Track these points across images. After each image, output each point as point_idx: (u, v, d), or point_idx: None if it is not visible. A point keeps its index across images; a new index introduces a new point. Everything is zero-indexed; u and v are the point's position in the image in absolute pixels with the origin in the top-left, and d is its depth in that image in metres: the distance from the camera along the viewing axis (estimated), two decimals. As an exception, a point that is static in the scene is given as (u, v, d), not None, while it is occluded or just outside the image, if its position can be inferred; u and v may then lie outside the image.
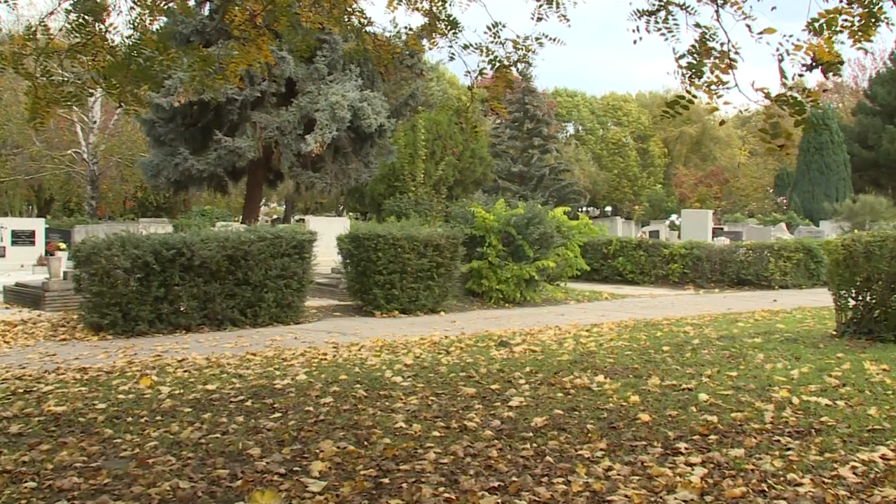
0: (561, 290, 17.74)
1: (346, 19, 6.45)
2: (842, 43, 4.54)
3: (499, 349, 9.82)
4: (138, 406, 6.66)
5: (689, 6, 4.98)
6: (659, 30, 5.13)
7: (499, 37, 5.93)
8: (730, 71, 4.78)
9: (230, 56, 5.91)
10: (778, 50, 4.51)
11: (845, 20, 4.77)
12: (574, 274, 18.29)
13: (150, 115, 22.66)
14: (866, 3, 4.46)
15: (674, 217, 38.92)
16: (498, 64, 5.92)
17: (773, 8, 4.79)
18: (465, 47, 5.96)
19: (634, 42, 5.36)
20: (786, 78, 4.68)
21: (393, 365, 8.57)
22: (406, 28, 6.53)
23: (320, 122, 21.61)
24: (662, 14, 5.09)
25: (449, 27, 5.95)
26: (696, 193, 55.02)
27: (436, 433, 5.72)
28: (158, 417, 6.26)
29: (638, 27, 5.21)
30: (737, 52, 4.83)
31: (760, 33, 4.57)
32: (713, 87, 4.78)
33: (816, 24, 4.77)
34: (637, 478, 4.75)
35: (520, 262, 15.84)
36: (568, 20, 5.77)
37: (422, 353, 9.47)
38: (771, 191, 53.51)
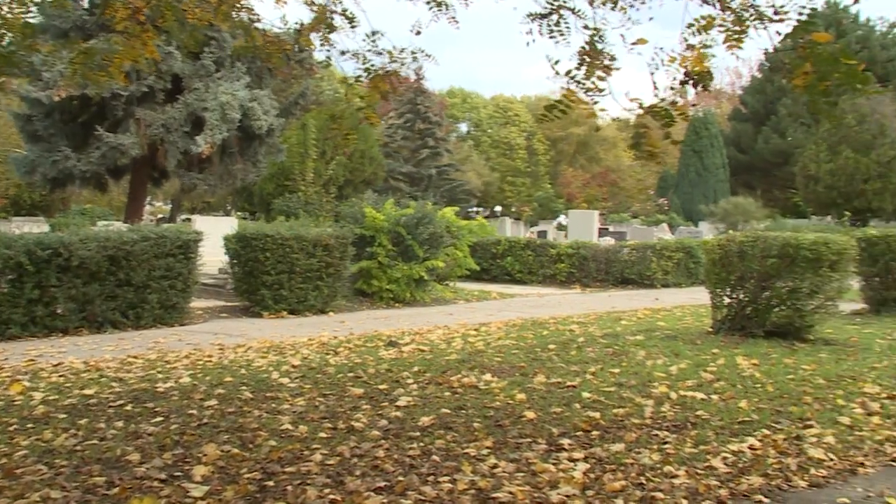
0: (450, 289, 17.86)
1: (235, 15, 6.32)
2: (714, 56, 4.72)
3: (388, 349, 9.81)
4: (7, 413, 6.36)
5: (579, 10, 5.10)
6: (550, 32, 5.23)
7: (376, 45, 5.93)
8: (606, 79, 4.91)
9: (114, 51, 5.70)
10: (654, 60, 4.66)
11: (721, 25, 4.98)
12: (463, 274, 18.45)
13: (24, 109, 21.69)
14: (737, 11, 4.65)
15: (561, 217, 39.69)
16: (374, 73, 5.92)
17: (651, 18, 4.94)
18: (343, 53, 5.95)
19: (528, 44, 5.45)
20: (657, 89, 4.85)
21: (280, 366, 8.46)
22: (297, 23, 6.45)
23: (210, 123, 21.12)
24: (554, 17, 5.19)
25: (347, 21, 5.90)
26: (584, 194, 56.30)
27: (322, 434, 5.68)
28: (30, 425, 5.99)
29: (531, 30, 5.31)
30: (612, 59, 4.97)
31: (634, 43, 4.72)
32: (590, 93, 4.92)
33: (694, 28, 4.96)
34: (522, 474, 4.82)
35: (410, 262, 15.87)
36: (457, 22, 5.82)
37: (310, 354, 9.38)
38: (653, 192, 55.23)
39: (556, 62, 4.94)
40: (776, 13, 4.65)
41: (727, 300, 10.54)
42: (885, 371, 8.07)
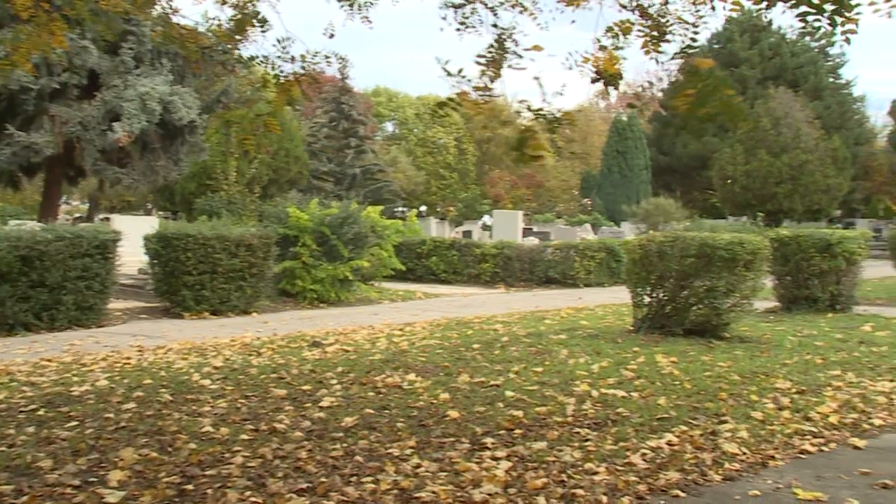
0: (375, 289, 17.82)
1: (152, 7, 6.19)
2: (625, 59, 4.83)
3: (311, 350, 9.74)
4: (-87, 419, 6.13)
5: (492, 6, 5.16)
6: (463, 23, 5.29)
7: (286, 51, 5.90)
8: (496, 79, 5.00)
9: (19, 40, 5.52)
10: (567, 60, 4.75)
11: (639, 30, 5.09)
12: (389, 274, 18.42)
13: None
14: (655, 17, 4.76)
15: (486, 217, 39.94)
16: (283, 79, 5.88)
17: (573, 21, 5.02)
18: (252, 59, 5.90)
19: (441, 29, 5.48)
20: (545, 93, 4.96)
21: (201, 368, 8.32)
22: (215, 20, 6.35)
23: (128, 112, 20.56)
24: (469, 9, 5.24)
25: (259, 24, 5.84)
26: (511, 195, 56.74)
27: (244, 436, 5.61)
28: (-63, 431, 5.78)
29: (446, 16, 5.36)
30: (519, 58, 5.05)
31: (528, 49, 4.81)
32: (481, 92, 5.00)
33: (613, 31, 5.07)
34: (445, 474, 4.84)
35: (334, 262, 15.77)
36: (371, 22, 5.82)
37: (232, 355, 9.25)
38: (577, 193, 55.98)
39: (447, 62, 5.02)
40: (694, 25, 4.78)
41: (647, 299, 10.76)
42: (796, 367, 8.34)
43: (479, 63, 5.08)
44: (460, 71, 5.00)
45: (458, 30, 5.28)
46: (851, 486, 4.75)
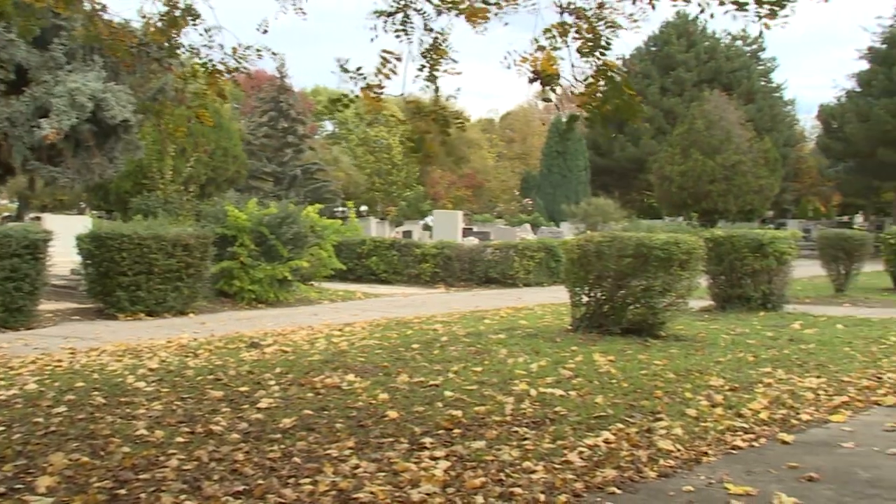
0: (315, 289, 17.70)
1: (80, 3, 6.04)
2: (562, 59, 4.89)
3: (249, 351, 9.63)
4: None
5: (425, 11, 5.17)
6: (395, 31, 5.28)
7: (212, 40, 5.83)
8: (389, 77, 5.05)
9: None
10: (506, 59, 4.78)
11: (577, 33, 5.15)
12: (329, 274, 18.32)
13: None
14: (591, 21, 4.82)
15: (428, 218, 39.93)
16: (212, 68, 5.81)
17: (506, 24, 5.07)
18: (177, 48, 5.81)
19: (371, 40, 5.44)
20: (439, 96, 5.02)
21: (136, 370, 8.17)
22: (148, 17, 6.22)
23: (57, 108, 20.01)
24: (400, 16, 5.24)
25: (191, 18, 5.74)
26: (450, 195, 56.86)
27: (179, 439, 5.52)
28: None
29: (376, 26, 5.34)
30: (398, 58, 5.11)
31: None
32: (374, 90, 5.05)
33: (551, 33, 5.11)
34: (383, 474, 4.83)
35: (273, 262, 15.63)
36: (305, 14, 5.78)
37: (168, 357, 9.10)
38: (518, 193, 56.35)
39: (347, 60, 5.07)
40: (624, 28, 4.86)
41: (585, 299, 10.86)
42: (729, 365, 8.51)
43: (420, 70, 5.12)
44: (359, 69, 5.03)
45: (398, 35, 5.27)
46: (780, 480, 4.86)
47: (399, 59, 5.18)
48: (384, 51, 5.18)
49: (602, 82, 4.83)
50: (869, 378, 7.93)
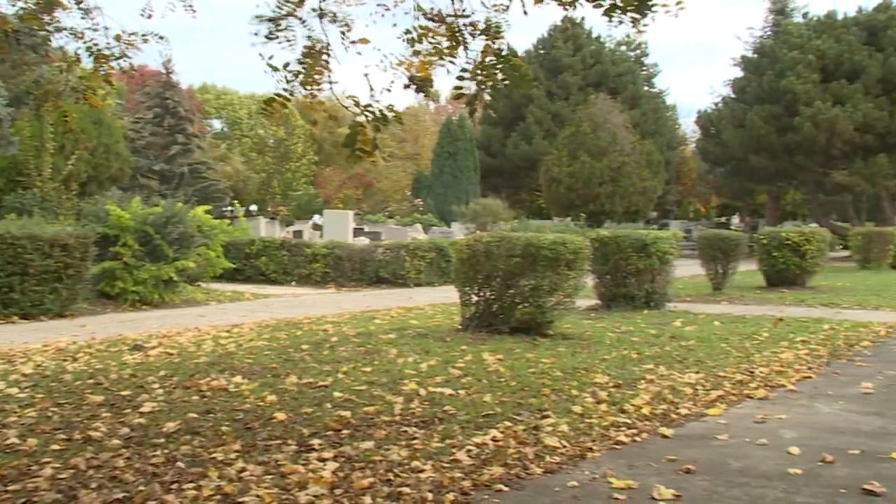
0: (202, 290, 17.31)
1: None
2: (441, 65, 4.94)
3: (132, 353, 9.34)
4: None
5: (304, 19, 5.14)
6: (277, 38, 5.23)
7: (95, 21, 5.64)
8: (322, 77, 5.04)
9: None
10: (382, 62, 4.80)
11: (433, 38, 5.20)
12: (217, 274, 17.95)
13: None
14: (451, 25, 4.88)
15: (317, 217, 39.53)
16: (96, 52, 5.62)
17: (366, 32, 5.09)
18: (58, 30, 5.61)
19: (253, 45, 5.36)
20: (373, 90, 5.03)
21: (7, 375, 7.81)
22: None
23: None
24: (283, 23, 5.19)
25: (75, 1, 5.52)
26: (341, 195, 56.46)
27: (55, 446, 5.31)
28: None
29: (258, 32, 5.27)
30: (329, 54, 5.10)
31: (353, 41, 4.86)
32: (308, 86, 5.03)
33: (411, 36, 5.15)
34: (270, 477, 4.76)
35: (158, 263, 15.21)
36: (195, 11, 5.65)
37: (44, 361, 8.73)
38: (409, 193, 56.39)
39: (271, 57, 5.02)
40: (486, 29, 4.93)
41: (475, 298, 10.95)
42: (614, 362, 8.74)
43: (295, 76, 5.08)
44: (286, 65, 4.96)
45: (280, 42, 5.21)
46: (659, 473, 5.02)
47: (331, 72, 5.13)
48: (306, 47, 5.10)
49: (490, 57, 4.89)
50: (742, 372, 8.29)
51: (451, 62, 4.98)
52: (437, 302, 16.00)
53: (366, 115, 5.17)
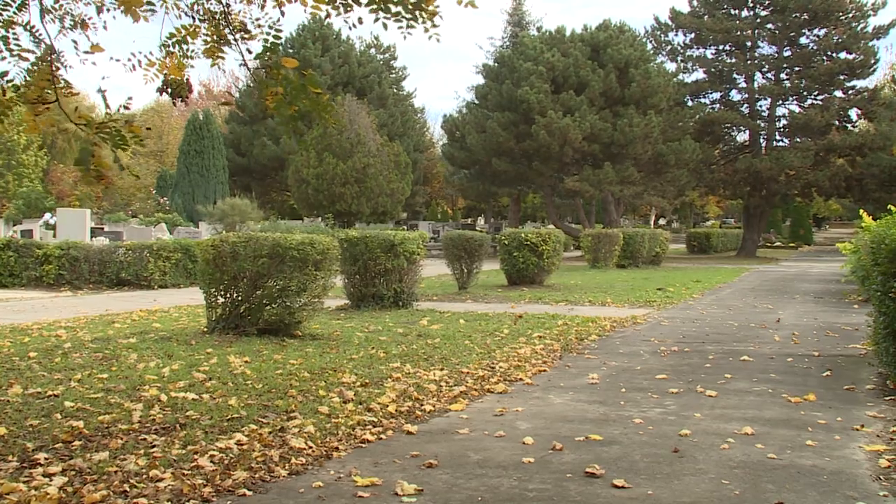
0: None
1: None
2: (192, 67, 4.79)
3: None
4: None
5: (34, 27, 4.84)
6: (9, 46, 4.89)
7: None
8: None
9: None
10: (130, 61, 4.58)
11: (205, 36, 5.04)
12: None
13: None
14: (215, 24, 4.75)
15: (48, 216, 36.82)
16: None
17: (104, 26, 4.86)
18: None
19: None
20: (109, 107, 4.80)
21: None
22: None
23: None
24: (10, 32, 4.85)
25: None
26: (77, 192, 52.99)
27: None
28: None
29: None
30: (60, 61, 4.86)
31: (88, 52, 4.62)
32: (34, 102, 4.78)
33: (177, 37, 4.96)
34: (-11, 497, 4.38)
35: None
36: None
37: None
38: (153, 191, 53.92)
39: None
40: (249, 32, 4.85)
41: (221, 300, 10.69)
42: (362, 361, 8.85)
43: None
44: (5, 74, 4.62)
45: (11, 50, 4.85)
46: (403, 469, 5.14)
47: (62, 63, 4.77)
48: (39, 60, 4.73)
49: (279, 82, 4.78)
50: (484, 368, 8.67)
51: (221, 57, 4.81)
52: (182, 304, 15.44)
53: (102, 137, 4.87)
